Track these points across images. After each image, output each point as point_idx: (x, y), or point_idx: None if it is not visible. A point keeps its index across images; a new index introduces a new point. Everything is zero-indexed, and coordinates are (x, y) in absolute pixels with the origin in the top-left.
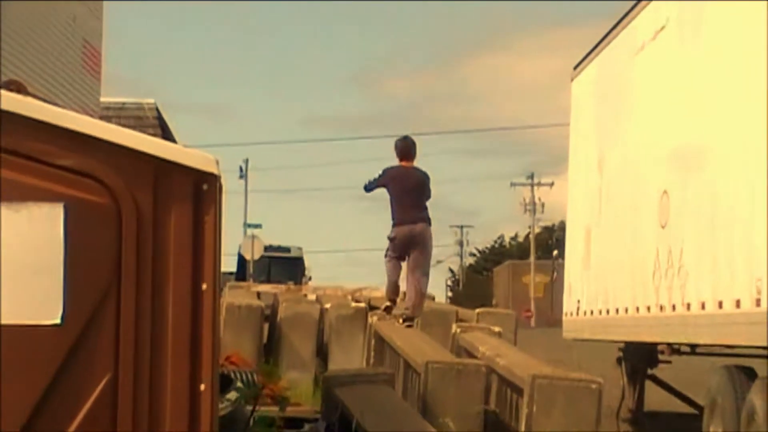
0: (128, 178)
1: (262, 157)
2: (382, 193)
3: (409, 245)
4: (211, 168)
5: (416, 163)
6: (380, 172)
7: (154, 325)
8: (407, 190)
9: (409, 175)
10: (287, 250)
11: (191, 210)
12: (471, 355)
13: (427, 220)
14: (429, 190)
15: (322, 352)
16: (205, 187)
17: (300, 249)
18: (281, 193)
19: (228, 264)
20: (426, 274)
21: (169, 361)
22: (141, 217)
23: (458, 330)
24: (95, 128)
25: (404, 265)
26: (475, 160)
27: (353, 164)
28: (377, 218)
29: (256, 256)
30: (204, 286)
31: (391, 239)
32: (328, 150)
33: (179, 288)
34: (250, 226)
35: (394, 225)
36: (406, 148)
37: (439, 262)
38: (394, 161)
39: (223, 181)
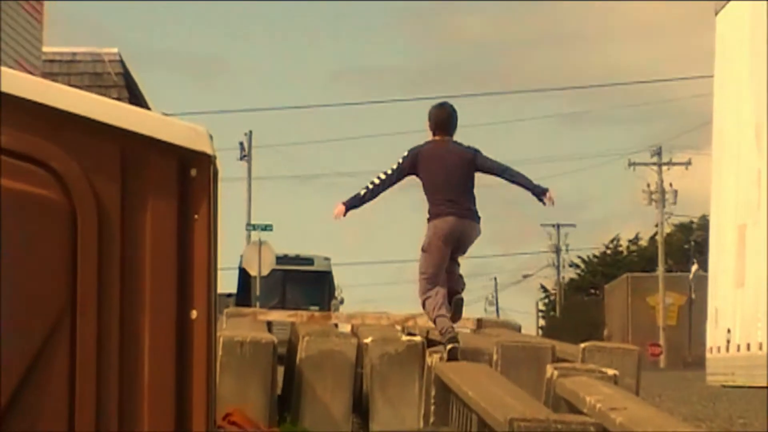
0: (86, 162)
1: (270, 129)
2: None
3: (454, 247)
4: (201, 145)
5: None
6: (403, 155)
7: (123, 370)
8: (447, 171)
9: (448, 152)
10: (309, 261)
11: (174, 206)
12: (575, 410)
13: (476, 216)
14: (487, 161)
15: (360, 407)
16: (193, 172)
17: (327, 260)
18: (299, 180)
19: (226, 282)
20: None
21: (146, 420)
22: (104, 216)
23: (555, 373)
24: (36, 90)
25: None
26: (576, 128)
27: (402, 138)
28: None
29: (265, 271)
30: (194, 314)
31: (425, 249)
32: (366, 118)
33: (159, 317)
34: (255, 228)
35: (430, 220)
36: (443, 118)
37: (525, 276)
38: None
39: (218, 163)
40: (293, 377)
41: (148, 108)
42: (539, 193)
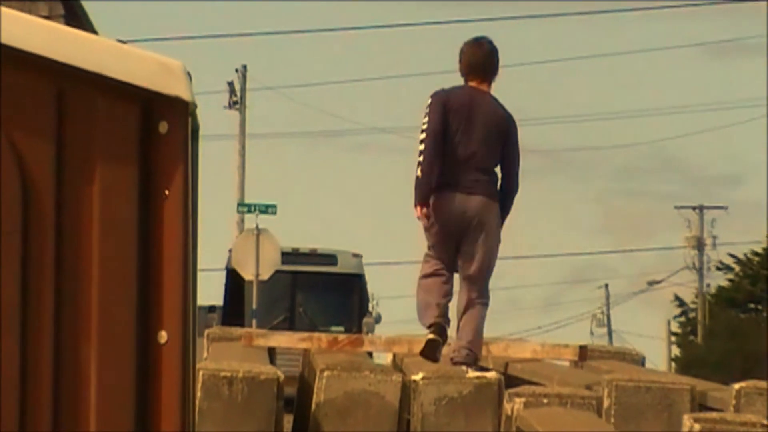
0: (5, 111)
1: (272, 62)
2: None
3: (460, 230)
4: (175, 87)
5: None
6: (427, 103)
7: (57, 421)
8: (473, 127)
9: (480, 104)
10: (330, 259)
11: (135, 176)
12: None
13: (493, 192)
14: (514, 145)
15: None
16: (162, 127)
17: (357, 258)
18: (313, 137)
19: (207, 289)
20: (484, 298)
21: None
22: (31, 191)
23: (697, 427)
24: None
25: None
26: (728, 63)
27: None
28: (522, 188)
29: (266, 274)
30: (162, 337)
31: (427, 228)
32: (412, 44)
33: (111, 341)
34: (251, 209)
35: (433, 191)
36: (478, 58)
37: (652, 284)
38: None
39: (198, 114)
40: (306, 431)
41: (92, 30)
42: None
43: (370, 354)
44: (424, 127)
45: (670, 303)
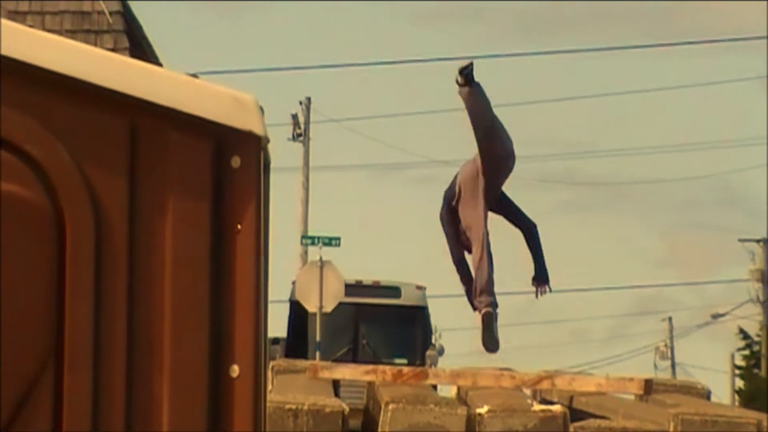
0: (78, 146)
1: (336, 95)
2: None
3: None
4: (248, 122)
5: None
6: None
7: None
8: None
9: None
10: (394, 291)
11: (208, 211)
12: None
13: None
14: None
15: None
16: (235, 162)
17: (421, 290)
18: (376, 170)
19: (271, 321)
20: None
21: None
22: (104, 226)
23: None
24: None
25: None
26: None
27: (528, 108)
28: (586, 221)
29: (329, 307)
30: (234, 371)
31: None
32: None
33: (183, 375)
34: (314, 241)
35: None
36: None
37: (716, 316)
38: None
39: (270, 148)
40: None
41: (158, 64)
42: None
43: (435, 387)
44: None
45: (734, 336)
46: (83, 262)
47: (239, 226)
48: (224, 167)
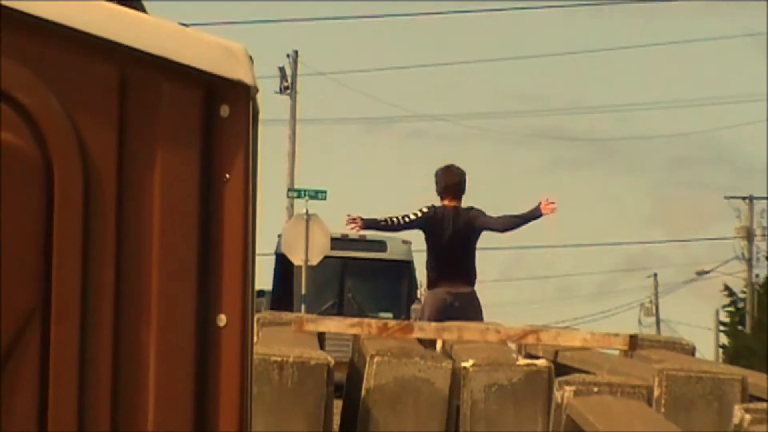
0: (67, 94)
1: (324, 48)
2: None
3: (447, 317)
4: (237, 71)
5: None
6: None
7: (116, 403)
8: (452, 239)
9: (454, 217)
10: (380, 245)
11: (196, 160)
12: None
13: (473, 282)
14: (485, 222)
15: None
16: (224, 111)
17: (407, 245)
18: (365, 123)
19: (256, 273)
20: None
21: None
22: (93, 174)
23: (747, 418)
24: None
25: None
26: None
27: (522, 64)
28: (574, 177)
29: (315, 260)
30: (221, 320)
31: (419, 311)
32: (459, 28)
33: (170, 324)
34: (301, 194)
35: (429, 286)
36: (451, 181)
37: (701, 273)
38: None
39: (259, 98)
40: (356, 417)
41: (144, 11)
42: (537, 213)
43: (420, 341)
44: (413, 216)
45: (719, 293)
46: (72, 211)
47: (228, 176)
48: (213, 116)
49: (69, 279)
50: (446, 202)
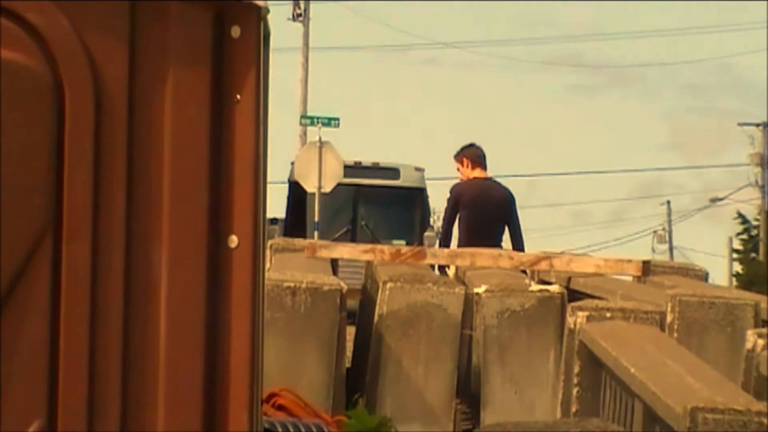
0: (78, 15)
1: None
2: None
3: None
4: None
5: None
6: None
7: (128, 323)
8: (485, 210)
9: (488, 190)
10: (393, 173)
11: (207, 80)
12: None
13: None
14: (514, 216)
15: (468, 388)
16: (235, 32)
17: (420, 172)
18: (380, 51)
19: (270, 201)
20: None
21: (160, 397)
22: (104, 95)
23: (760, 343)
24: None
25: None
26: None
27: None
28: (590, 104)
29: (328, 187)
30: (233, 241)
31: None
32: None
33: (181, 244)
34: (313, 121)
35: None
36: (477, 156)
37: (714, 200)
38: None
39: (269, 20)
40: (369, 342)
41: None
42: None
43: (433, 267)
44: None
45: (732, 220)
46: (82, 131)
47: (238, 97)
48: (224, 37)
49: (80, 200)
50: (477, 173)
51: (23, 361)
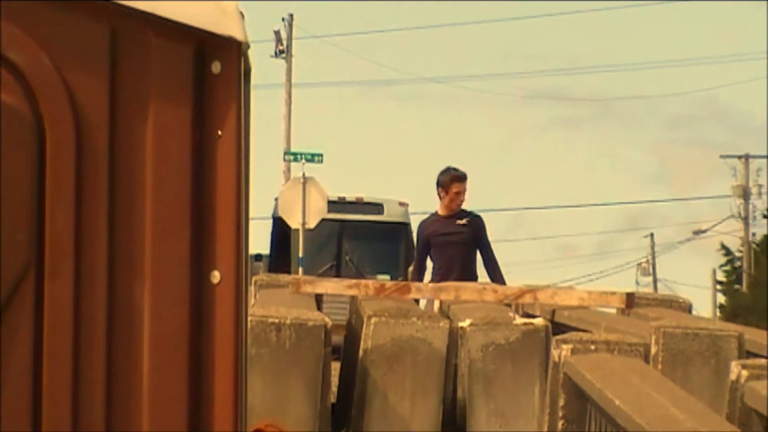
0: (58, 51)
1: (320, 12)
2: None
3: None
4: (229, 27)
5: None
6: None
7: (111, 358)
8: (452, 241)
9: (452, 222)
10: (377, 208)
11: (188, 116)
12: None
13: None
14: (484, 240)
15: (453, 421)
16: (215, 67)
17: (404, 207)
18: (361, 87)
19: (254, 237)
20: None
21: None
22: (85, 131)
23: (744, 374)
24: None
25: None
26: None
27: (527, 24)
28: (574, 137)
29: (312, 223)
30: (215, 277)
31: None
32: None
33: (164, 281)
34: (297, 157)
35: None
36: (457, 173)
37: (697, 233)
38: None
39: (251, 55)
40: (354, 377)
41: None
42: None
43: (417, 301)
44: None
45: (716, 252)
46: (64, 168)
47: (220, 132)
48: (204, 73)
49: (62, 237)
50: (455, 189)
51: (7, 402)
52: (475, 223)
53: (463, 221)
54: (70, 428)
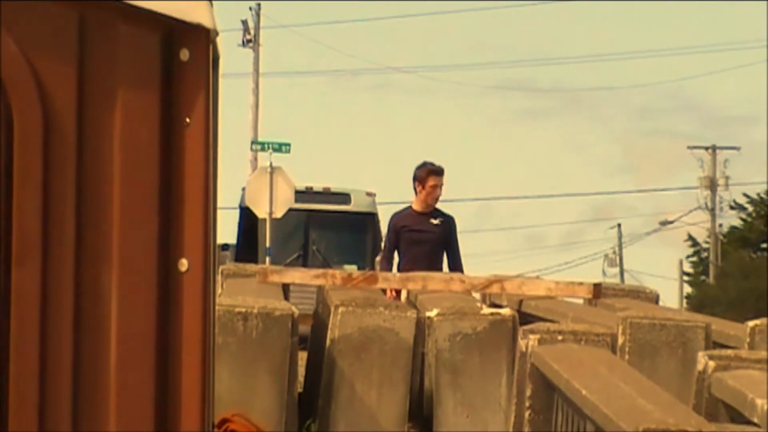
0: (25, 37)
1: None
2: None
3: None
4: (197, 15)
5: None
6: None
7: (78, 348)
8: (422, 239)
9: (425, 219)
10: (344, 198)
11: (156, 103)
12: (738, 417)
13: None
14: (453, 240)
15: (420, 411)
16: (184, 54)
17: (371, 197)
18: (329, 77)
19: (220, 228)
20: None
21: (111, 424)
22: (53, 118)
23: (711, 365)
24: None
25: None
26: None
27: (490, 14)
28: (541, 128)
29: (279, 212)
30: (183, 265)
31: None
32: None
33: (131, 269)
34: (264, 146)
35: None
36: (434, 167)
37: (664, 223)
38: None
39: (219, 43)
40: (321, 367)
41: None
42: None
43: (384, 291)
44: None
45: (682, 243)
46: (31, 155)
47: (188, 120)
48: (173, 60)
49: (29, 224)
50: (431, 183)
51: None
52: (448, 224)
53: (437, 221)
54: (36, 417)
